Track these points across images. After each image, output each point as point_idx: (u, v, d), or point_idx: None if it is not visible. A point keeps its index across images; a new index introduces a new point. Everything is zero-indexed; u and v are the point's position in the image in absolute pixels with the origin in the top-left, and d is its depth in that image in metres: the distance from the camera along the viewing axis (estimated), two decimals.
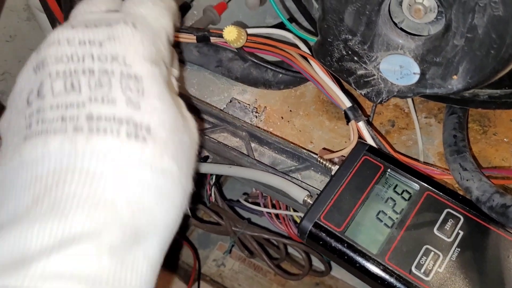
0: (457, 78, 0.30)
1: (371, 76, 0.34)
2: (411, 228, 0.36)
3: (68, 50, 0.25)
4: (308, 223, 0.36)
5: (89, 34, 0.26)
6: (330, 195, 0.37)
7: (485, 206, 0.33)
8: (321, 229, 0.36)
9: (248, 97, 0.51)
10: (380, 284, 0.35)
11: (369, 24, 0.31)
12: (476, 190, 0.34)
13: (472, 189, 0.35)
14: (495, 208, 0.32)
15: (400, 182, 0.38)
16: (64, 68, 0.25)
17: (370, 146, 0.40)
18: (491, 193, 0.33)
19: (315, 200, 0.38)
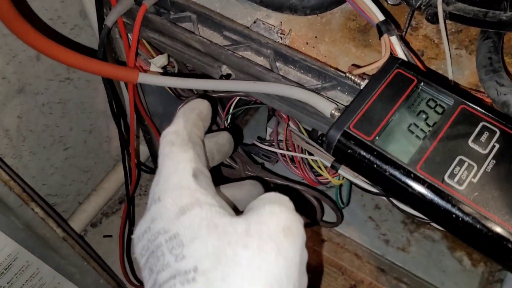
0: None
1: None
2: (445, 139, 0.34)
3: (140, 245, 0.30)
4: (336, 132, 0.35)
5: (143, 225, 0.31)
6: (360, 106, 0.36)
7: None
8: (350, 137, 0.35)
9: (272, 22, 0.50)
10: (411, 193, 0.33)
11: None
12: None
13: (511, 102, 0.33)
14: None
15: (434, 96, 0.36)
16: (144, 260, 0.30)
17: (403, 60, 0.38)
18: None
19: (344, 110, 0.36)
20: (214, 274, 0.27)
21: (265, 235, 0.27)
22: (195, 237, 0.28)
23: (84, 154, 0.89)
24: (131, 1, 0.46)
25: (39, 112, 0.74)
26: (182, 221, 0.29)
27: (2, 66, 0.64)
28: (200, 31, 0.47)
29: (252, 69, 0.42)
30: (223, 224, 0.28)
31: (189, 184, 0.30)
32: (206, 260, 0.28)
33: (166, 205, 0.30)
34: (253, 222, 0.28)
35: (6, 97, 0.67)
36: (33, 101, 0.72)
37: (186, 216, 0.30)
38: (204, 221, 0.29)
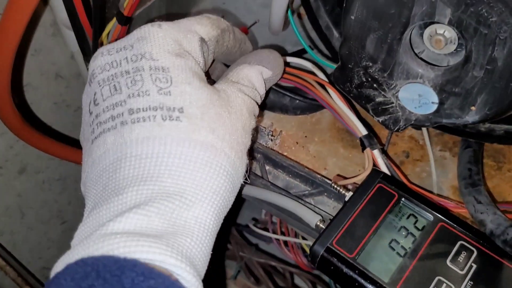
0: (475, 109, 0.31)
1: (390, 104, 0.34)
2: (424, 258, 0.35)
3: (109, 59, 0.30)
4: (320, 248, 0.36)
5: (124, 41, 0.30)
6: (343, 221, 0.37)
7: (499, 240, 0.33)
8: (333, 254, 0.36)
9: (264, 121, 0.52)
10: None
11: (390, 52, 0.31)
12: (490, 223, 0.34)
13: (486, 222, 0.34)
14: (509, 241, 0.32)
15: (414, 211, 0.38)
16: (108, 75, 0.29)
17: (384, 174, 0.40)
18: (505, 227, 0.33)
19: (328, 225, 0.37)
20: (200, 123, 0.28)
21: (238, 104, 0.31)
22: (188, 82, 0.29)
23: None
24: None
25: (39, 190, 0.76)
26: (177, 60, 0.29)
27: (5, 150, 0.66)
28: None
29: None
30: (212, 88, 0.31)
31: (193, 39, 0.31)
32: (195, 108, 0.29)
33: (167, 34, 0.30)
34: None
35: (8, 178, 0.69)
36: (33, 179, 0.74)
37: (182, 59, 0.30)
38: (197, 75, 0.30)
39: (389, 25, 0.30)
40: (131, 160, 0.27)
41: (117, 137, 0.28)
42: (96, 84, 0.29)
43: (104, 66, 0.29)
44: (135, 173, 0.27)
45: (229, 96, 0.32)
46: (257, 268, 0.72)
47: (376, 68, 0.33)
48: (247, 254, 0.71)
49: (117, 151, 0.28)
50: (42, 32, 0.63)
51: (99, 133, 0.29)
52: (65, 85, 0.70)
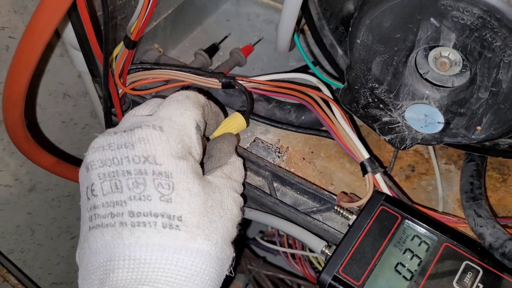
0: (481, 129, 0.31)
1: (396, 123, 0.35)
2: (430, 280, 0.36)
3: (110, 154, 0.31)
4: (327, 277, 0.37)
5: (125, 137, 0.31)
6: (348, 247, 0.37)
7: (498, 253, 0.33)
8: (340, 282, 0.36)
9: (271, 137, 0.53)
10: None
11: (395, 74, 0.32)
12: (489, 236, 0.34)
13: (485, 235, 0.35)
14: (508, 254, 0.32)
15: (418, 232, 0.38)
16: (109, 171, 0.30)
17: (387, 196, 0.40)
18: (504, 240, 0.33)
19: (334, 252, 0.38)
20: (196, 231, 0.30)
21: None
22: (188, 189, 0.30)
23: None
24: None
25: (48, 207, 0.77)
26: (180, 163, 0.31)
27: (15, 169, 0.67)
28: None
29: (252, 192, 0.45)
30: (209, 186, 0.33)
31: (192, 133, 0.33)
32: (192, 216, 0.30)
33: (170, 137, 0.31)
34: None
35: (18, 196, 0.70)
36: (43, 197, 0.75)
37: (185, 161, 0.31)
38: (197, 175, 0.32)
39: (394, 49, 0.31)
40: (130, 263, 0.29)
41: (115, 236, 0.29)
42: (95, 176, 0.30)
43: (105, 161, 0.30)
44: (133, 276, 0.28)
45: (222, 196, 0.34)
46: (265, 280, 0.72)
47: (382, 89, 0.33)
48: (255, 267, 0.71)
49: (115, 250, 0.29)
50: (49, 52, 0.64)
51: (96, 225, 0.30)
52: (73, 104, 0.71)
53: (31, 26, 0.33)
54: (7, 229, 0.71)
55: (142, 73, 0.50)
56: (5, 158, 0.64)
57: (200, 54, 0.55)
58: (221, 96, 0.52)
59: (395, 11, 0.29)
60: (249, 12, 0.67)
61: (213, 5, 0.66)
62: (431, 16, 0.27)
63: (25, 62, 0.35)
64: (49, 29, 0.33)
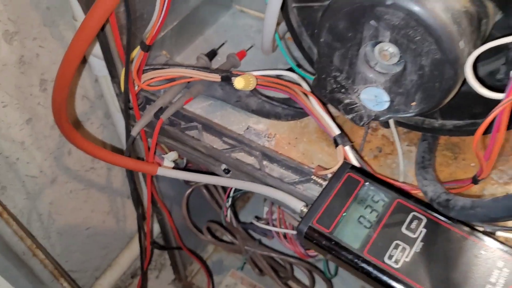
0: (415, 104, 0.41)
1: (355, 104, 0.45)
2: (384, 228, 0.45)
3: None
4: (304, 226, 0.46)
5: None
6: (321, 204, 0.47)
7: (435, 202, 0.43)
8: (314, 230, 0.46)
9: (261, 127, 0.63)
10: (361, 272, 0.44)
11: (351, 64, 0.42)
12: (430, 192, 0.44)
13: (428, 191, 0.45)
14: (441, 203, 0.42)
15: (376, 192, 0.47)
16: None
17: (353, 165, 0.50)
18: (440, 193, 0.43)
19: (309, 208, 0.47)
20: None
21: None
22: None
23: (103, 232, 1.00)
24: (151, 116, 0.59)
25: (67, 198, 0.86)
26: None
27: (41, 162, 0.77)
28: (204, 137, 0.60)
29: (245, 168, 0.55)
30: None
31: None
32: None
33: None
34: None
35: (42, 187, 0.80)
36: (63, 189, 0.84)
37: None
38: None
39: (348, 45, 0.40)
40: None
41: None
42: None
43: None
44: None
45: None
46: (261, 260, 0.82)
47: (342, 77, 0.43)
48: (251, 248, 0.81)
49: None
50: None
51: None
52: (90, 105, 0.81)
53: (82, 26, 0.43)
54: (31, 216, 0.80)
55: (155, 72, 0.60)
56: (33, 152, 0.74)
57: (201, 57, 0.65)
58: (219, 92, 0.62)
59: (346, 17, 0.39)
60: (243, 24, 0.77)
61: (212, 18, 0.76)
62: (371, 19, 0.38)
63: (74, 54, 0.45)
64: (96, 29, 0.43)
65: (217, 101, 0.65)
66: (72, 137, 0.55)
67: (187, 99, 0.60)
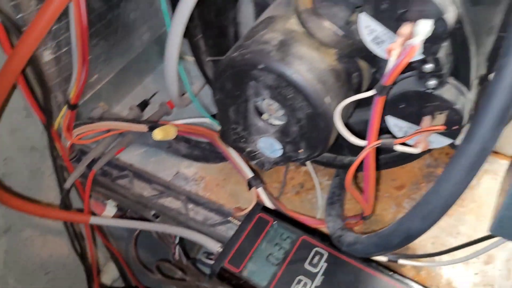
0: (302, 151, 0.45)
1: (255, 152, 0.49)
2: (289, 264, 0.49)
3: None
4: (217, 267, 0.50)
5: None
6: (233, 245, 0.51)
7: (332, 238, 0.47)
8: (225, 271, 0.49)
9: (192, 170, 0.66)
10: None
11: (244, 118, 0.46)
12: (330, 228, 0.48)
13: (330, 227, 0.49)
14: (336, 238, 0.46)
15: (284, 231, 0.51)
16: None
17: (264, 206, 0.54)
18: (336, 229, 0.47)
19: (222, 249, 0.51)
20: None
21: None
22: None
23: (62, 275, 1.02)
24: (84, 168, 0.63)
25: (22, 246, 0.89)
26: None
27: None
28: (135, 185, 0.64)
29: (170, 212, 0.58)
30: None
31: None
32: None
33: None
34: None
35: None
36: (17, 237, 0.87)
37: None
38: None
39: (238, 101, 0.45)
40: None
41: None
42: None
43: None
44: None
45: None
46: None
47: (240, 128, 0.47)
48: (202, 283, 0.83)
49: None
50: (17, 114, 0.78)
51: None
52: (39, 155, 0.85)
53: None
54: None
55: (86, 126, 0.64)
56: None
57: (133, 108, 0.69)
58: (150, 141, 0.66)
59: (230, 78, 0.43)
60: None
61: (149, 67, 0.81)
62: (250, 80, 0.42)
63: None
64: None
65: (151, 148, 0.69)
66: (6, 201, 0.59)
67: (119, 149, 0.64)
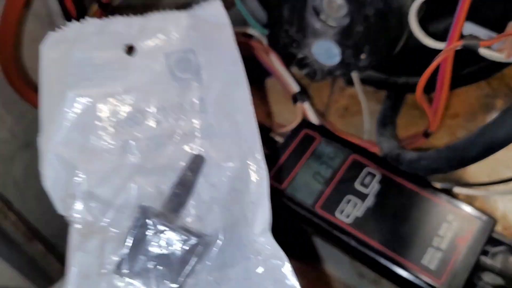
0: (364, 56, 0.40)
1: (308, 59, 0.44)
2: (338, 183, 0.45)
3: None
4: None
5: None
6: (276, 161, 0.47)
7: (388, 157, 0.43)
8: None
9: None
10: (314, 226, 0.44)
11: (300, 17, 0.41)
12: (385, 148, 0.44)
13: (384, 147, 0.44)
14: (393, 157, 0.42)
15: (332, 149, 0.47)
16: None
17: (309, 123, 0.49)
18: (393, 148, 0.42)
19: None
20: None
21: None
22: None
23: None
24: None
25: None
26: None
27: (12, 126, 0.76)
28: None
29: None
30: None
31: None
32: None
33: None
34: None
35: (16, 151, 0.79)
36: (37, 154, 0.84)
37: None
38: None
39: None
40: None
41: None
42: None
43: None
44: None
45: None
46: None
47: (293, 30, 0.42)
48: None
49: None
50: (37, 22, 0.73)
51: None
52: None
53: None
54: (6, 181, 0.80)
55: None
56: (3, 115, 0.74)
57: None
58: None
59: None
60: None
61: None
62: None
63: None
64: None
65: None
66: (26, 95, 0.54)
67: None
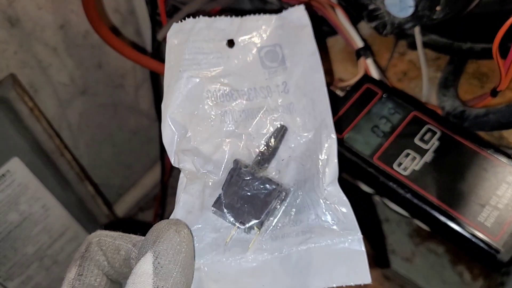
0: (440, 8, 0.40)
1: (379, 11, 0.44)
2: (397, 138, 0.45)
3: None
4: None
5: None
6: (336, 111, 0.47)
7: (451, 115, 0.42)
8: None
9: None
10: (370, 177, 0.44)
11: None
12: (447, 106, 0.43)
13: (446, 106, 0.44)
14: (456, 114, 0.41)
15: (393, 104, 0.47)
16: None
17: (372, 78, 0.49)
18: (457, 106, 0.42)
19: None
20: None
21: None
22: None
23: (128, 152, 1.03)
24: None
25: (95, 112, 0.89)
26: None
27: (72, 70, 0.79)
28: None
29: None
30: None
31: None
32: None
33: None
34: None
35: (73, 96, 0.82)
36: (92, 101, 0.87)
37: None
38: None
39: None
40: None
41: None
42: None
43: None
44: None
45: None
46: None
47: None
48: None
49: None
50: None
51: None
52: (121, 20, 0.82)
53: None
54: (62, 124, 0.83)
55: None
56: (65, 59, 0.76)
57: None
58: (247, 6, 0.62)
59: None
60: None
61: None
62: None
63: None
64: None
65: None
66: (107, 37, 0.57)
67: (214, 8, 0.60)
